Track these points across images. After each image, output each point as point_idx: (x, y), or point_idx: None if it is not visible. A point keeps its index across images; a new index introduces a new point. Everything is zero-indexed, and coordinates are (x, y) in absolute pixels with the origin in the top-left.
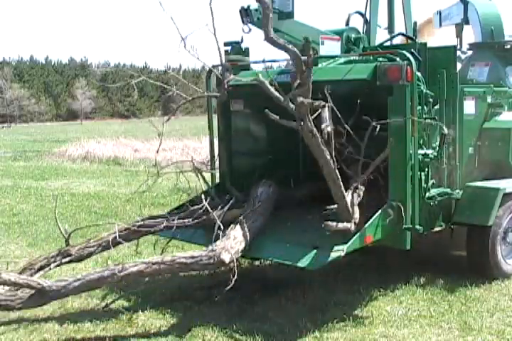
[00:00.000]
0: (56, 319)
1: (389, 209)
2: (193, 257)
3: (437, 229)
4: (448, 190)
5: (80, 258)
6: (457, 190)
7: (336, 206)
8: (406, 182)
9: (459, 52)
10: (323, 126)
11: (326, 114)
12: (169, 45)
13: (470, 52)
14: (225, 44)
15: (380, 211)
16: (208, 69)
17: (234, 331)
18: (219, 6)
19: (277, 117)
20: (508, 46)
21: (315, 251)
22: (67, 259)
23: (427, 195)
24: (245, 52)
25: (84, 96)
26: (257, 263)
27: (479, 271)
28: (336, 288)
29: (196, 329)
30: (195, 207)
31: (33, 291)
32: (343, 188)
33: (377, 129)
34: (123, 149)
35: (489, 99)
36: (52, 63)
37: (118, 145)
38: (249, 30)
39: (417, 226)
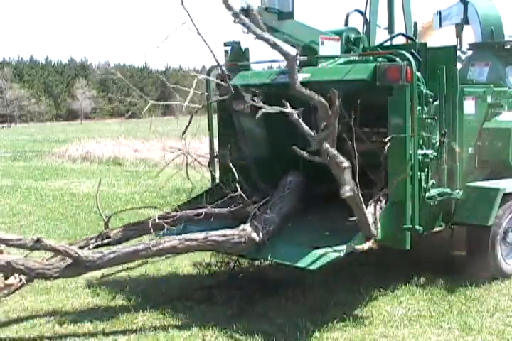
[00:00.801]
0: (56, 319)
1: (389, 210)
2: (224, 235)
3: (437, 229)
4: (448, 190)
5: (118, 241)
6: (457, 190)
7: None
8: (406, 182)
9: (459, 52)
10: (341, 191)
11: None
12: (169, 45)
13: (470, 52)
14: (225, 44)
15: (380, 211)
16: (207, 69)
17: (234, 331)
18: (219, 6)
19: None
20: (508, 46)
21: (315, 251)
22: (106, 241)
23: (427, 195)
24: (245, 53)
25: (84, 96)
26: (257, 263)
27: (479, 271)
28: (335, 288)
29: (196, 329)
30: (231, 194)
31: (69, 261)
32: (365, 210)
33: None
34: (123, 149)
35: (489, 99)
36: (52, 63)
37: (118, 145)
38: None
39: (417, 227)
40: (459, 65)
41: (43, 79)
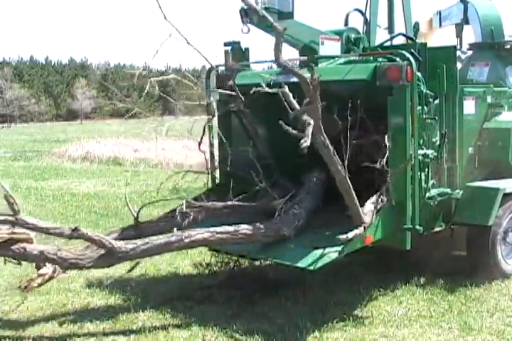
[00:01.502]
0: (56, 319)
1: (389, 210)
2: (255, 228)
3: (437, 229)
4: (448, 190)
5: (150, 234)
6: (457, 190)
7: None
8: (406, 182)
9: (459, 52)
10: (302, 141)
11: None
12: (169, 46)
13: (470, 52)
14: (225, 44)
15: (380, 211)
16: (208, 69)
17: (234, 331)
18: (219, 6)
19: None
20: (508, 46)
21: (315, 251)
22: (137, 233)
23: (427, 195)
24: (245, 53)
25: (84, 96)
26: (257, 263)
27: (479, 271)
28: (335, 288)
29: (196, 329)
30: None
31: (102, 252)
32: (354, 195)
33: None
34: (123, 149)
35: (489, 99)
36: (52, 63)
37: (118, 145)
38: (249, 30)
39: (417, 227)
40: (459, 65)
41: (43, 79)
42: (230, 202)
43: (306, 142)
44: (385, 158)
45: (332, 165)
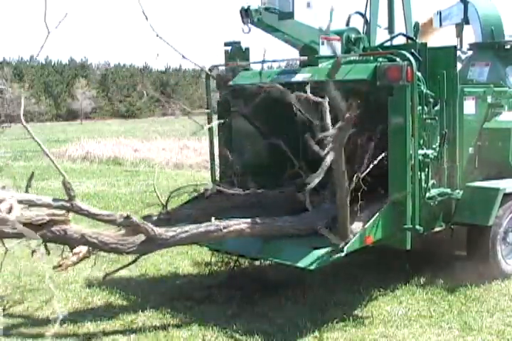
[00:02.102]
0: (56, 319)
1: (389, 209)
2: (289, 221)
3: (437, 229)
4: (448, 190)
5: (179, 221)
6: (457, 190)
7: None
8: (406, 182)
9: (459, 52)
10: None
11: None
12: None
13: (470, 52)
14: (225, 44)
15: (380, 211)
16: (208, 69)
17: (234, 331)
18: (219, 6)
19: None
20: (508, 46)
21: (315, 251)
22: (166, 218)
23: (427, 195)
24: (245, 53)
25: (84, 96)
26: (257, 263)
27: (479, 271)
28: (335, 288)
29: (196, 329)
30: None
31: (142, 238)
32: (348, 213)
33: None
34: (123, 149)
35: (489, 99)
36: (52, 63)
37: (118, 145)
38: (249, 30)
39: (417, 227)
40: (459, 65)
41: (43, 79)
42: (254, 191)
43: (313, 183)
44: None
45: (340, 185)
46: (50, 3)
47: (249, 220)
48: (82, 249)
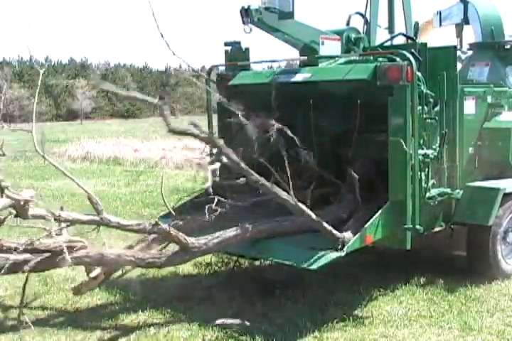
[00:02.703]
0: (56, 319)
1: (389, 209)
2: (315, 220)
3: (437, 229)
4: (448, 190)
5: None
6: (457, 190)
7: None
8: (406, 182)
9: (459, 52)
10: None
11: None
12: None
13: (470, 52)
14: (225, 44)
15: (380, 211)
16: (208, 69)
17: (234, 331)
18: (219, 6)
19: None
20: (508, 46)
21: (315, 251)
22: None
23: (427, 195)
24: (245, 53)
25: (84, 96)
26: (257, 263)
27: (479, 271)
28: (335, 288)
29: (196, 329)
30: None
31: (176, 249)
32: (312, 216)
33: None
34: (123, 149)
35: (489, 99)
36: (53, 63)
37: (118, 145)
38: (251, 30)
39: (417, 226)
40: (459, 65)
41: (43, 79)
42: (255, 198)
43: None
44: None
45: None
46: (50, 3)
47: (278, 219)
48: (99, 272)
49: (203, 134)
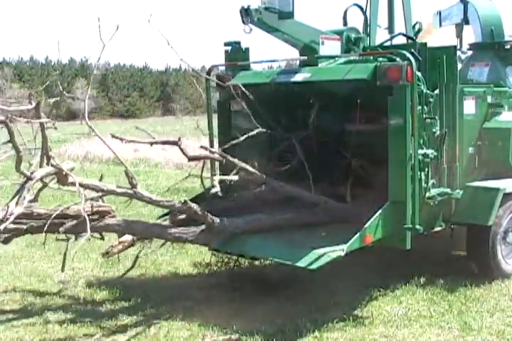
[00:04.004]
0: (56, 319)
1: (389, 209)
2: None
3: (437, 229)
4: (448, 190)
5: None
6: (457, 190)
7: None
8: (406, 182)
9: (459, 52)
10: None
11: None
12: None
13: (470, 52)
14: (225, 44)
15: (380, 211)
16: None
17: (234, 331)
18: (219, 6)
19: None
20: (508, 46)
21: (315, 251)
22: None
23: (427, 194)
24: (245, 53)
25: (85, 96)
26: (257, 263)
27: (479, 271)
28: (335, 288)
29: (196, 329)
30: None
31: (202, 227)
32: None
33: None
34: (123, 149)
35: (489, 99)
36: (52, 63)
37: (118, 145)
38: (251, 30)
39: (417, 226)
40: (459, 65)
41: (43, 79)
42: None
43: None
44: None
45: None
46: (50, 3)
47: (300, 210)
48: (128, 238)
49: (215, 155)
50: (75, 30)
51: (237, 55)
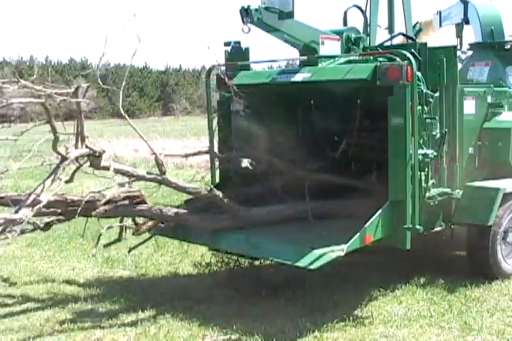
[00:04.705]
0: (56, 319)
1: (389, 209)
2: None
3: (437, 229)
4: (448, 190)
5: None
6: (457, 190)
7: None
8: (406, 182)
9: (459, 52)
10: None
11: None
12: (169, 45)
13: (470, 52)
14: (225, 44)
15: (380, 211)
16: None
17: (234, 331)
18: (219, 6)
19: None
20: (508, 46)
21: (315, 251)
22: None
23: (427, 194)
24: (245, 52)
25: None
26: (257, 263)
27: (479, 271)
28: (335, 288)
29: (196, 329)
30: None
31: (226, 215)
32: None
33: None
34: (123, 149)
35: (489, 99)
36: (52, 63)
37: (118, 145)
38: (249, 30)
39: (417, 226)
40: (459, 65)
41: (43, 79)
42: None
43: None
44: None
45: None
46: (50, 3)
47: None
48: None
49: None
50: (74, 30)
51: (237, 55)
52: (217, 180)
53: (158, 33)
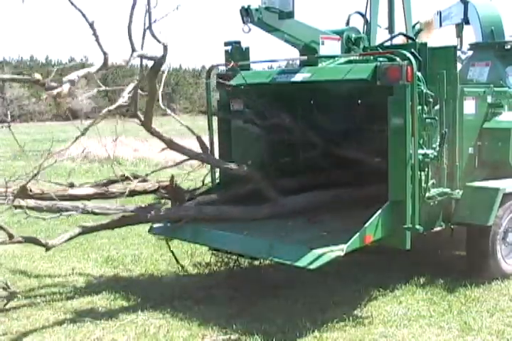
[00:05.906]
0: (56, 319)
1: (389, 209)
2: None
3: (437, 229)
4: (448, 190)
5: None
6: (457, 190)
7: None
8: (406, 182)
9: (459, 52)
10: None
11: None
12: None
13: (470, 52)
14: (225, 44)
15: (379, 210)
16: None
17: (234, 331)
18: (219, 6)
19: None
20: (508, 46)
21: (314, 250)
22: None
23: (427, 194)
24: (245, 52)
25: (85, 96)
26: (257, 263)
27: (479, 271)
28: (335, 288)
29: (196, 329)
30: None
31: (267, 204)
32: None
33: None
34: (123, 149)
35: (489, 99)
36: (52, 63)
37: (118, 144)
38: (249, 29)
39: (417, 226)
40: (459, 65)
41: (43, 78)
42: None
43: None
44: None
45: None
46: (50, 3)
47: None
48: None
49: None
50: (74, 30)
51: (237, 55)
52: (217, 180)
53: (157, 33)
